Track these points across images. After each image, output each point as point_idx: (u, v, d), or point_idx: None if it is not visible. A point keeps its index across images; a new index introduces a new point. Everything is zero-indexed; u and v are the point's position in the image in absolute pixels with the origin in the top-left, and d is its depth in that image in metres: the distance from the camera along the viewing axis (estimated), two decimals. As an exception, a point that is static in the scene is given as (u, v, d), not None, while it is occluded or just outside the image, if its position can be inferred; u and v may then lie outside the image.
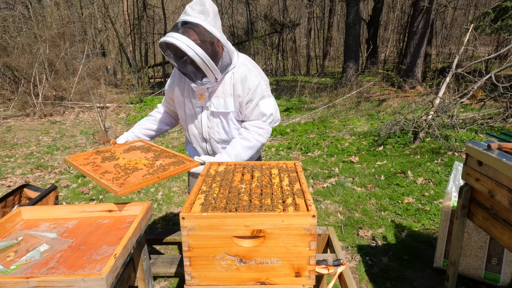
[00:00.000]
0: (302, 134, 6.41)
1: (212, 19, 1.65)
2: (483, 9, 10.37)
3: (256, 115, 1.85)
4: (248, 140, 1.84)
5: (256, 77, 1.81)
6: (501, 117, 5.82)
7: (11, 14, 12.27)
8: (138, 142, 2.11)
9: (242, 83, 1.79)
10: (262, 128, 1.86)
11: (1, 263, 1.25)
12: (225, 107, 1.85)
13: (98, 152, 1.92)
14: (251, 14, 16.20)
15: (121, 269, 1.25)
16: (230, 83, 1.81)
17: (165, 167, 1.69)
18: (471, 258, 2.34)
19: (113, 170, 1.67)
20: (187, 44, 1.59)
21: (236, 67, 1.81)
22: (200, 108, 1.90)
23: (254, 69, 1.85)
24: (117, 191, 1.43)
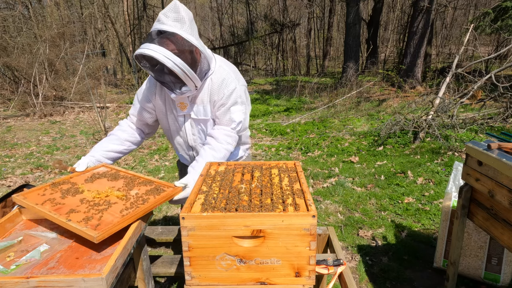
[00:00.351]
0: (302, 134, 6.41)
1: (188, 27, 1.59)
2: (483, 9, 10.37)
3: (226, 121, 1.79)
4: (219, 151, 1.77)
5: (233, 82, 1.76)
6: (501, 117, 5.82)
7: (11, 14, 12.27)
8: (100, 167, 1.83)
9: (218, 88, 1.75)
10: (231, 136, 1.79)
11: (1, 263, 1.25)
12: (205, 114, 1.81)
13: (54, 185, 1.59)
14: (251, 14, 16.20)
15: (121, 269, 1.25)
16: (208, 90, 1.77)
17: (144, 198, 1.45)
18: (471, 258, 2.34)
19: (81, 208, 1.38)
20: (165, 55, 1.53)
21: (214, 73, 1.76)
22: (182, 116, 1.85)
23: (232, 73, 1.79)
24: (93, 237, 1.18)
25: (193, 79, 1.62)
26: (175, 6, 1.58)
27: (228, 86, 1.74)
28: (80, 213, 1.33)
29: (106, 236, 1.20)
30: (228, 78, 1.75)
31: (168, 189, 1.53)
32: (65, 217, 1.30)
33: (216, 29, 19.82)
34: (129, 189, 1.54)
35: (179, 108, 1.82)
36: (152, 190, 1.52)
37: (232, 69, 1.83)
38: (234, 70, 1.83)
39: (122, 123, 2.02)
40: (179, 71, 1.56)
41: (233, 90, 1.74)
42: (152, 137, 6.68)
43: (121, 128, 2.00)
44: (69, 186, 1.57)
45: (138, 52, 1.56)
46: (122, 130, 1.99)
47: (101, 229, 1.20)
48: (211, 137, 1.79)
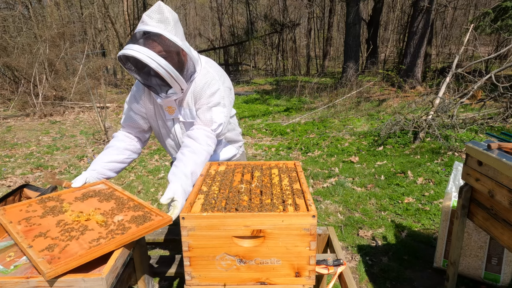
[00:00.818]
0: (302, 134, 6.41)
1: (172, 28, 1.55)
2: (483, 9, 10.37)
3: (207, 120, 1.70)
4: (200, 154, 1.65)
5: (217, 83, 1.71)
6: (501, 117, 5.82)
7: (11, 14, 12.27)
8: (99, 184, 1.73)
9: (201, 89, 1.71)
10: (210, 137, 1.70)
11: (1, 263, 1.25)
12: (192, 117, 1.76)
13: (42, 201, 1.51)
14: (251, 14, 16.21)
15: (121, 269, 1.24)
16: (191, 92, 1.73)
17: (126, 226, 1.32)
18: (471, 258, 2.34)
19: (53, 232, 1.27)
20: (149, 56, 1.48)
21: (198, 75, 1.72)
22: (171, 120, 1.82)
23: (216, 74, 1.74)
24: (44, 272, 1.04)
25: (179, 81, 1.58)
26: (159, 7, 1.54)
27: (211, 87, 1.70)
28: (48, 239, 1.22)
29: (59, 272, 1.07)
30: (212, 80, 1.71)
31: (156, 217, 1.40)
32: (28, 243, 1.19)
33: (216, 29, 19.82)
34: (115, 213, 1.43)
35: (167, 112, 1.79)
36: (139, 217, 1.39)
37: (217, 70, 1.78)
38: (219, 72, 1.78)
39: (117, 134, 1.96)
40: (164, 73, 1.51)
41: (216, 90, 1.70)
42: (152, 137, 6.69)
43: (118, 139, 1.93)
44: (55, 204, 1.49)
45: (121, 53, 1.51)
46: (119, 140, 1.92)
47: (57, 263, 1.08)
48: (190, 139, 1.68)
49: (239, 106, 9.28)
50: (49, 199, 1.55)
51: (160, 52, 1.51)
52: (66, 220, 1.37)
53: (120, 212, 1.45)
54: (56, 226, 1.33)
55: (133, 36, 1.55)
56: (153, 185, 4.39)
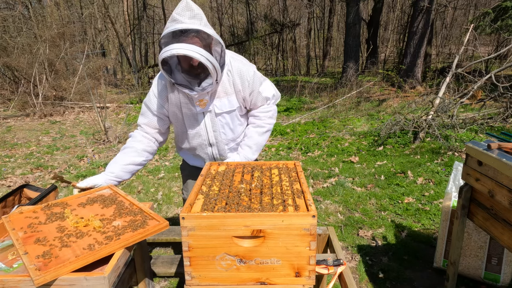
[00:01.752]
0: (302, 134, 6.41)
1: (205, 22, 1.63)
2: (483, 9, 10.37)
3: (262, 101, 1.91)
4: (262, 127, 1.94)
5: (249, 68, 1.84)
6: (501, 117, 5.82)
7: (11, 14, 12.27)
8: (105, 189, 1.74)
9: (240, 78, 1.80)
10: (270, 110, 1.94)
11: (3, 262, 1.25)
12: (230, 105, 1.85)
13: (48, 207, 1.56)
14: (251, 14, 16.20)
15: (123, 268, 1.25)
16: (229, 81, 1.81)
17: (121, 232, 1.34)
18: (471, 258, 2.34)
19: (51, 238, 1.30)
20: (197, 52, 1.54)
21: (228, 64, 1.80)
22: (201, 114, 1.85)
23: (245, 61, 1.88)
24: (32, 279, 1.07)
25: (219, 72, 1.66)
26: (187, 4, 1.59)
27: (248, 73, 1.82)
28: (45, 246, 1.24)
29: (49, 279, 1.09)
30: (244, 66, 1.82)
31: (152, 223, 1.40)
32: (24, 249, 1.21)
33: (216, 29, 19.80)
34: (113, 219, 1.44)
35: (198, 105, 1.81)
36: (136, 223, 1.40)
37: (240, 56, 1.91)
38: (242, 57, 1.92)
39: (134, 134, 1.94)
40: (210, 66, 1.59)
41: (253, 74, 1.83)
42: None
43: (136, 139, 1.91)
44: (58, 210, 1.52)
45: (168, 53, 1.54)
46: (137, 141, 1.90)
47: (46, 270, 1.10)
48: (252, 117, 1.96)
49: (239, 106, 9.29)
50: (55, 206, 1.57)
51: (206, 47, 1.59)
52: (65, 226, 1.39)
53: (119, 217, 1.46)
54: (55, 232, 1.34)
55: (167, 37, 1.58)
56: (153, 185, 4.39)
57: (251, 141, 1.93)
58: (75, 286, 1.11)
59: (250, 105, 1.93)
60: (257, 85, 1.85)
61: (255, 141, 1.94)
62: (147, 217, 1.45)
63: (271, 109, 1.96)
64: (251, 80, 1.82)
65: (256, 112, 1.94)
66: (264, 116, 1.94)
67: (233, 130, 1.95)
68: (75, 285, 1.11)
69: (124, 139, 6.49)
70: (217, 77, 1.68)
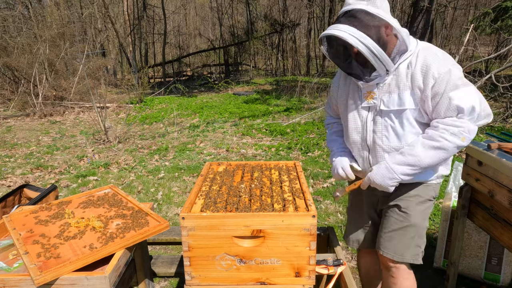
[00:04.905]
0: (302, 134, 6.41)
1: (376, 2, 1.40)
2: (483, 9, 10.37)
3: (449, 111, 1.40)
4: (433, 139, 1.42)
5: (444, 63, 1.41)
6: (501, 117, 5.83)
7: (11, 14, 12.27)
8: (106, 189, 1.76)
9: (423, 72, 1.42)
10: (457, 126, 1.38)
11: (4, 261, 1.25)
12: (400, 103, 1.47)
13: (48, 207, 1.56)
14: (251, 14, 16.20)
15: (123, 268, 1.25)
16: (406, 74, 1.46)
17: (122, 233, 1.34)
18: (471, 258, 2.34)
19: (52, 238, 1.31)
20: (347, 31, 1.34)
21: (414, 55, 1.47)
22: (366, 108, 1.57)
23: (440, 54, 1.45)
24: (33, 280, 1.08)
25: (384, 61, 1.39)
26: None
27: (438, 68, 1.40)
28: (45, 245, 1.25)
29: (49, 279, 1.09)
30: (436, 60, 1.42)
31: (152, 223, 1.41)
32: (25, 249, 1.22)
33: (216, 29, 19.82)
34: (114, 219, 1.45)
35: (365, 98, 1.55)
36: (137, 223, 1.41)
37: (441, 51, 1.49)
38: (443, 53, 1.49)
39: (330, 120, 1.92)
40: (364, 49, 1.35)
41: (446, 72, 1.39)
42: (152, 137, 6.68)
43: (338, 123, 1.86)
44: (59, 210, 1.52)
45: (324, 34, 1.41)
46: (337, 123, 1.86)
47: (47, 269, 1.10)
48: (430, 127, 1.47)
49: (239, 106, 9.29)
50: (55, 205, 1.57)
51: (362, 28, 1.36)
52: (66, 226, 1.40)
53: (120, 217, 1.46)
54: (56, 232, 1.35)
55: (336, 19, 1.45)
56: (153, 185, 4.39)
57: (410, 150, 1.45)
58: (76, 285, 1.12)
59: (432, 113, 1.45)
60: (448, 87, 1.39)
61: (415, 151, 1.43)
62: (148, 218, 1.46)
63: (460, 124, 1.38)
64: (440, 77, 1.39)
65: (436, 121, 1.43)
66: (445, 128, 1.39)
67: (400, 136, 1.52)
68: (76, 285, 1.11)
69: (124, 139, 6.49)
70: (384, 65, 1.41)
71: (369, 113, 1.56)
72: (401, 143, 1.51)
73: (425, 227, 1.67)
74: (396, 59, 1.45)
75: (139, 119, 8.27)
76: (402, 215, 1.61)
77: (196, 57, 18.33)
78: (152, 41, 17.56)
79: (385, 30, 1.40)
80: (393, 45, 1.43)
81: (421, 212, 1.62)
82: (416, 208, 1.61)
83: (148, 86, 11.65)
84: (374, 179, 1.52)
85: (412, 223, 1.61)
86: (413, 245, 1.63)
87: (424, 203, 1.62)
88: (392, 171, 1.47)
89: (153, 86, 12.77)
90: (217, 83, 12.27)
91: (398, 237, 1.62)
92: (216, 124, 7.52)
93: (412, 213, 1.60)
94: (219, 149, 5.75)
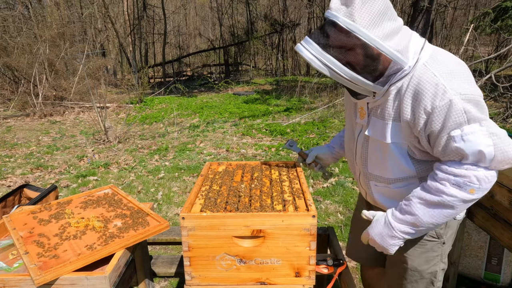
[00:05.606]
0: (302, 134, 6.41)
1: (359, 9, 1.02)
2: (483, 9, 10.37)
3: (452, 154, 1.10)
4: (431, 193, 1.13)
5: (446, 90, 1.05)
6: (501, 117, 5.83)
7: (11, 14, 12.27)
8: (106, 189, 1.76)
9: (414, 100, 1.10)
10: (460, 175, 1.09)
11: (4, 261, 1.25)
12: (382, 134, 1.22)
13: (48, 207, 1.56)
14: (251, 14, 16.20)
15: (123, 268, 1.25)
16: (394, 101, 1.16)
17: (122, 233, 1.34)
18: (471, 258, 2.34)
19: (52, 238, 1.31)
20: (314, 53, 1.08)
21: (410, 74, 1.12)
22: (360, 126, 1.35)
23: (444, 77, 1.07)
24: (33, 279, 1.07)
25: (364, 85, 1.11)
26: None
27: (434, 99, 1.06)
28: (45, 245, 1.25)
29: (49, 279, 1.09)
30: (437, 86, 1.06)
31: (152, 223, 1.41)
32: (25, 249, 1.22)
33: (216, 29, 19.83)
34: (114, 219, 1.45)
35: (359, 114, 1.33)
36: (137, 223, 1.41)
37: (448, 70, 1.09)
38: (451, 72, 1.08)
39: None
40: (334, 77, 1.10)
41: (446, 105, 1.05)
42: (152, 137, 6.68)
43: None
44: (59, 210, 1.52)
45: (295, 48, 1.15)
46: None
47: (47, 269, 1.10)
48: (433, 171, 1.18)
49: (239, 106, 9.29)
50: (55, 205, 1.58)
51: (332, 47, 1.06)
52: (66, 226, 1.40)
53: (120, 217, 1.46)
54: (56, 232, 1.35)
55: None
56: (153, 185, 4.39)
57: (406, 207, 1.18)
58: (76, 285, 1.12)
59: (433, 151, 1.15)
60: (448, 124, 1.06)
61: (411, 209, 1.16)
62: (148, 218, 1.46)
63: (464, 173, 1.09)
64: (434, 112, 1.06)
65: (437, 167, 1.15)
66: (444, 179, 1.11)
67: (384, 169, 1.29)
68: (76, 285, 1.11)
69: (124, 139, 6.49)
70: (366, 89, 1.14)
71: (360, 133, 1.35)
72: (384, 175, 1.30)
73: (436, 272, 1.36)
74: (390, 79, 1.12)
75: (139, 119, 8.27)
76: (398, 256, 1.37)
77: (196, 57, 18.34)
78: (152, 41, 17.56)
79: (368, 50, 1.05)
80: (385, 64, 1.09)
81: (420, 254, 1.34)
82: (414, 250, 1.34)
83: (148, 86, 11.66)
84: (372, 236, 1.24)
85: (410, 267, 1.36)
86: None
87: (423, 245, 1.33)
88: (392, 229, 1.19)
89: (153, 86, 12.77)
90: (217, 83, 12.28)
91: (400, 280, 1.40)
92: (216, 124, 7.53)
93: (408, 256, 1.35)
94: (219, 149, 5.75)
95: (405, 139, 1.18)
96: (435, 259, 1.35)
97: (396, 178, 1.28)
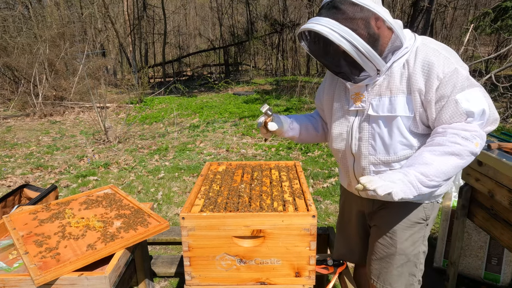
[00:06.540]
0: (302, 134, 6.41)
1: None
2: (483, 9, 10.37)
3: (456, 116, 1.22)
4: (443, 145, 1.20)
5: (448, 61, 1.22)
6: (501, 117, 5.83)
7: (11, 14, 12.27)
8: (106, 189, 1.75)
9: (425, 72, 1.23)
10: (468, 130, 1.20)
11: (4, 261, 1.25)
12: (391, 109, 1.29)
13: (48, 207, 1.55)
14: (251, 14, 16.20)
15: (123, 268, 1.25)
16: (402, 75, 1.27)
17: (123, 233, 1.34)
18: (471, 258, 2.34)
19: (52, 238, 1.31)
20: (332, 27, 1.15)
21: (411, 52, 1.27)
22: (353, 113, 1.39)
23: (443, 50, 1.26)
24: (33, 280, 1.08)
25: (374, 60, 1.20)
26: None
27: (443, 68, 1.21)
28: (45, 245, 1.25)
29: (49, 279, 1.09)
30: (439, 58, 1.23)
31: (152, 223, 1.41)
32: (25, 249, 1.22)
33: (216, 29, 19.82)
34: (114, 219, 1.44)
35: (352, 100, 1.37)
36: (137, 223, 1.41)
37: (444, 47, 1.29)
38: (446, 49, 1.28)
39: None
40: (350, 49, 1.16)
41: (452, 72, 1.21)
42: (152, 137, 6.68)
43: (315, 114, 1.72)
44: (59, 210, 1.52)
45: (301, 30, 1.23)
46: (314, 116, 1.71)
47: (47, 269, 1.10)
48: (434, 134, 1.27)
49: (239, 106, 9.29)
50: (55, 205, 1.57)
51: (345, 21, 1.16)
52: (66, 227, 1.40)
53: (120, 217, 1.46)
54: (56, 232, 1.36)
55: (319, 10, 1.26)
56: (153, 185, 4.39)
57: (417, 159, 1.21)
58: (76, 285, 1.12)
59: (434, 119, 1.26)
60: (454, 88, 1.20)
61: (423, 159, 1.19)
62: (148, 218, 1.46)
63: (470, 128, 1.20)
64: (445, 76, 1.20)
65: (442, 127, 1.24)
66: (454, 133, 1.20)
67: (388, 147, 1.33)
68: (76, 285, 1.11)
69: (124, 139, 6.49)
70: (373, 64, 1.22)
71: (356, 118, 1.38)
72: (389, 156, 1.33)
73: (419, 254, 1.46)
74: (389, 57, 1.26)
75: (139, 119, 8.27)
76: (387, 240, 1.43)
77: (196, 57, 18.33)
78: (152, 41, 17.56)
79: (375, 23, 1.19)
80: (386, 40, 1.22)
81: (409, 237, 1.42)
82: (403, 233, 1.42)
83: (148, 86, 11.66)
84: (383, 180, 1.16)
85: (398, 250, 1.42)
86: (405, 273, 1.46)
87: (412, 227, 1.42)
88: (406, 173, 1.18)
89: (153, 86, 12.77)
90: (217, 83, 12.27)
91: (386, 265, 1.45)
92: (216, 124, 7.52)
93: (398, 239, 1.42)
94: (219, 149, 5.75)
95: (414, 110, 1.27)
96: (418, 240, 1.45)
97: (400, 158, 1.33)
